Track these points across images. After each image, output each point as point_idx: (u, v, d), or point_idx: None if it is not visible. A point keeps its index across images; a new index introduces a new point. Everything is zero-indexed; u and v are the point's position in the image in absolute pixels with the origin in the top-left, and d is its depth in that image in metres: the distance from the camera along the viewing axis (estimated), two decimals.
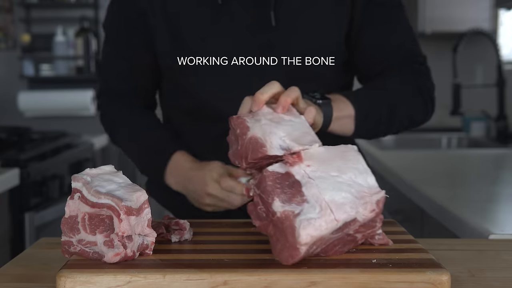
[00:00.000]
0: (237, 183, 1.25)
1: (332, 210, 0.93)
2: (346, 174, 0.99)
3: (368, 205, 0.96)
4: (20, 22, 3.85)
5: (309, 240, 0.91)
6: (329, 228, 0.93)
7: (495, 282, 0.99)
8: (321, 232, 0.92)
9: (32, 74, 3.79)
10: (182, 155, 1.39)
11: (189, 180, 1.35)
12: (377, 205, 0.96)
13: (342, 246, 0.99)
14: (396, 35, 1.42)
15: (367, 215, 0.96)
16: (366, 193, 0.97)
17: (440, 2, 3.77)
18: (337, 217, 0.93)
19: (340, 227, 0.94)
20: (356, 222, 0.95)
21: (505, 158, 2.72)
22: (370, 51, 1.42)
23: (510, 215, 1.64)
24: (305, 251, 0.92)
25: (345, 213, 0.94)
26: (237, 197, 1.26)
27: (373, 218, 0.97)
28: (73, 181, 0.99)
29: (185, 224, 1.09)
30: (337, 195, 0.95)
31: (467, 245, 1.22)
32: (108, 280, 0.89)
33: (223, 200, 1.28)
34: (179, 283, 0.89)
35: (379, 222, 1.00)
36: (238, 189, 1.25)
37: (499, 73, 3.25)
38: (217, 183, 1.28)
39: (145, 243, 0.98)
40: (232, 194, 1.27)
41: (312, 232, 0.91)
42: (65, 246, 0.99)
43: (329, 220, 0.93)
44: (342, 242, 0.98)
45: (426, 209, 1.86)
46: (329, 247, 0.97)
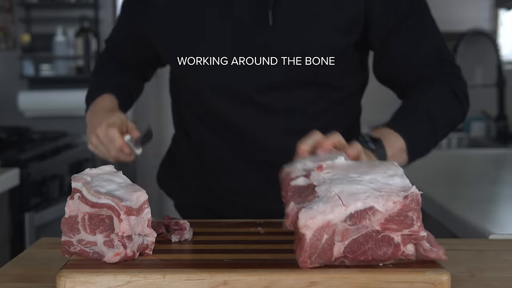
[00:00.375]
0: (119, 137, 1.33)
1: (340, 198, 0.91)
2: (369, 175, 0.95)
3: (392, 196, 0.91)
4: (20, 22, 3.85)
5: (309, 222, 0.88)
6: (335, 213, 0.89)
7: (495, 282, 0.99)
8: (324, 215, 0.89)
9: (32, 74, 3.79)
10: (109, 96, 1.47)
11: (95, 114, 1.42)
12: (404, 198, 0.91)
13: (375, 248, 0.92)
14: (427, 42, 1.39)
15: (389, 206, 0.90)
16: (391, 188, 0.92)
17: (440, 2, 3.77)
18: (346, 202, 0.90)
19: (354, 215, 0.90)
20: (377, 213, 0.90)
21: (505, 158, 2.72)
22: (400, 60, 1.39)
23: (510, 215, 1.64)
24: (311, 238, 0.89)
25: (357, 200, 0.90)
26: (114, 149, 1.33)
27: (402, 212, 0.91)
28: (73, 181, 0.99)
29: (185, 224, 1.09)
30: (349, 187, 0.92)
31: (467, 245, 1.22)
32: (108, 280, 0.89)
33: (102, 144, 1.35)
34: (179, 283, 0.89)
35: (417, 221, 0.91)
36: (117, 142, 1.32)
37: (499, 73, 3.25)
38: (107, 129, 1.34)
39: (145, 243, 0.98)
40: (111, 144, 1.33)
41: (313, 214, 0.89)
42: (65, 246, 0.99)
43: (336, 205, 0.90)
44: (373, 242, 0.92)
45: (426, 209, 1.86)
46: (356, 246, 0.91)
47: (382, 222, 0.91)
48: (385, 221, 0.91)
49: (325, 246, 0.90)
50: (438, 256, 0.93)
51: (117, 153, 1.35)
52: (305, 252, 0.90)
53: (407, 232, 0.91)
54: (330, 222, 0.89)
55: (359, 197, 0.90)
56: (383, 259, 0.92)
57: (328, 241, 0.90)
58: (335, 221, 0.89)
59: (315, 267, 0.91)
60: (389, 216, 0.91)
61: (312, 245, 0.90)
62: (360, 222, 0.90)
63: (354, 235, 0.91)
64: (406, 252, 0.92)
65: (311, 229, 0.89)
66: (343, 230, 0.90)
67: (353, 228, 0.90)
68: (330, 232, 0.90)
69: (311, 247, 0.90)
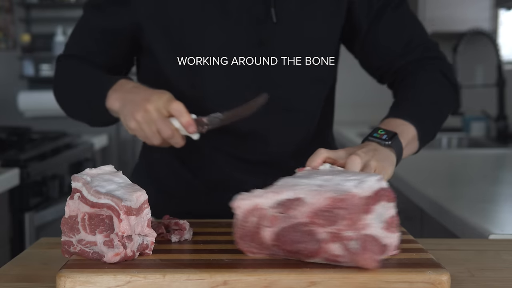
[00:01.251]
0: (187, 112, 1.17)
1: (276, 185, 0.95)
2: (331, 176, 0.96)
3: (328, 193, 0.91)
4: (20, 22, 3.85)
5: (239, 203, 0.95)
6: (265, 198, 0.94)
7: (495, 282, 0.99)
8: (254, 199, 0.94)
9: (32, 74, 3.79)
10: (128, 80, 1.31)
11: (131, 91, 1.24)
12: (336, 196, 0.90)
13: (300, 240, 0.92)
14: (409, 28, 1.43)
15: (317, 200, 0.91)
16: (335, 187, 0.92)
17: (440, 3, 3.77)
18: (278, 190, 0.94)
19: (283, 203, 0.93)
20: (304, 204, 0.91)
21: (505, 158, 2.72)
22: (384, 50, 1.42)
23: (510, 215, 1.64)
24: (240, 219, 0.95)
25: (289, 190, 0.93)
26: (168, 127, 1.17)
27: (330, 208, 0.90)
28: (73, 181, 0.99)
29: (185, 224, 1.09)
30: (293, 180, 0.96)
31: (467, 245, 1.22)
32: (108, 280, 0.89)
33: (154, 122, 1.17)
34: (179, 283, 0.89)
35: (344, 220, 0.90)
36: (185, 117, 1.17)
37: (499, 73, 3.25)
38: (161, 103, 1.18)
39: (145, 243, 0.98)
40: (164, 122, 1.17)
41: (245, 197, 0.95)
42: (65, 246, 0.99)
43: (269, 191, 0.94)
44: (299, 234, 0.92)
45: (426, 209, 1.86)
46: (284, 236, 0.93)
47: (309, 215, 0.92)
48: (313, 214, 0.92)
49: (254, 229, 0.96)
50: (366, 264, 0.90)
51: (171, 132, 1.18)
52: (236, 232, 0.97)
53: (331, 229, 0.91)
54: (258, 206, 0.94)
55: (293, 188, 0.93)
56: (306, 254, 0.93)
57: (256, 224, 0.95)
58: (264, 206, 0.94)
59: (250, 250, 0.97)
60: (316, 210, 0.91)
61: (241, 225, 0.96)
62: (288, 211, 0.93)
63: (283, 223, 0.93)
64: (332, 251, 0.91)
65: (241, 210, 0.96)
66: (272, 216, 0.94)
67: (282, 217, 0.93)
68: (258, 215, 0.95)
69: (240, 227, 0.97)
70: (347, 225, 0.89)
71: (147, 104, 1.18)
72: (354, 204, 0.90)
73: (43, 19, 3.84)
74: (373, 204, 0.92)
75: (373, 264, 0.89)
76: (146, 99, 1.19)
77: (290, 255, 0.94)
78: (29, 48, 3.80)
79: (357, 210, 0.90)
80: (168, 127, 1.17)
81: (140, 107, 1.18)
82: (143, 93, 1.21)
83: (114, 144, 3.70)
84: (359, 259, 0.90)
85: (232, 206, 0.97)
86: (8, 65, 3.81)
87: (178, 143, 1.20)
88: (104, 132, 3.69)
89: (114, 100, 1.25)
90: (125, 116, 1.22)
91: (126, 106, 1.22)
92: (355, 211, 0.90)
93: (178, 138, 1.19)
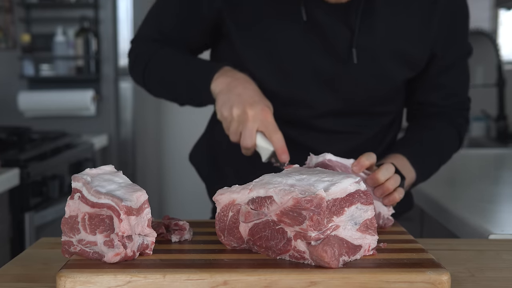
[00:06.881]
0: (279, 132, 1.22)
1: (253, 183, 0.99)
2: (307, 176, 0.99)
3: (294, 192, 0.94)
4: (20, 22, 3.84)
5: (218, 197, 1.00)
6: (240, 194, 0.98)
7: (495, 282, 0.99)
8: (231, 194, 0.99)
9: (32, 74, 3.79)
10: (231, 68, 1.33)
11: (240, 83, 1.26)
12: (307, 201, 0.92)
13: (270, 237, 0.96)
14: (465, 86, 1.53)
15: (284, 200, 0.94)
16: (304, 187, 0.95)
17: None
18: (252, 187, 0.98)
19: (255, 200, 0.96)
20: (273, 203, 0.95)
21: (505, 158, 2.72)
22: (440, 92, 1.48)
23: (510, 215, 1.64)
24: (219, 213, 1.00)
25: (262, 188, 0.97)
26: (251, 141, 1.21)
27: (295, 209, 0.93)
28: (73, 181, 0.99)
29: (185, 224, 1.09)
30: (268, 178, 0.99)
31: (467, 245, 1.22)
32: (108, 280, 0.89)
33: (244, 126, 1.21)
34: (179, 283, 0.89)
35: (310, 221, 0.92)
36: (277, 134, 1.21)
37: (499, 73, 3.25)
38: (261, 117, 1.21)
39: (145, 243, 0.98)
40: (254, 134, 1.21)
41: (224, 191, 1.00)
42: (65, 246, 0.99)
43: (245, 188, 0.98)
44: (270, 231, 0.96)
45: (426, 209, 1.86)
46: (256, 231, 0.97)
47: (278, 214, 0.95)
48: (281, 213, 0.95)
49: (231, 223, 1.00)
50: (329, 264, 0.91)
51: (250, 146, 1.22)
52: (217, 225, 1.02)
53: (297, 229, 0.93)
54: (234, 201, 0.99)
55: (266, 186, 0.97)
56: (275, 250, 0.96)
57: (233, 219, 1.00)
58: (239, 201, 0.99)
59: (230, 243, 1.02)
60: (284, 209, 0.94)
61: (221, 219, 1.01)
62: (260, 208, 0.97)
63: (255, 219, 0.98)
64: (297, 247, 0.94)
65: (220, 204, 1.01)
66: (246, 212, 0.98)
67: (255, 213, 0.97)
68: (235, 210, 0.99)
69: (220, 221, 1.01)
70: (312, 226, 0.91)
71: (249, 109, 1.21)
72: (320, 206, 0.91)
73: (43, 19, 3.83)
74: (346, 206, 0.94)
75: (335, 263, 0.91)
76: (251, 102, 1.22)
77: (262, 250, 0.98)
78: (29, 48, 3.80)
79: (323, 211, 0.92)
80: (251, 140, 1.22)
81: (241, 106, 1.22)
82: (251, 93, 1.25)
83: (114, 144, 3.70)
84: (321, 258, 0.91)
85: (214, 199, 1.02)
86: (8, 65, 3.80)
87: (247, 153, 1.25)
88: (104, 132, 3.69)
89: (219, 83, 1.28)
90: (224, 103, 1.24)
91: (230, 94, 1.25)
92: (320, 212, 0.91)
93: (250, 151, 1.25)
